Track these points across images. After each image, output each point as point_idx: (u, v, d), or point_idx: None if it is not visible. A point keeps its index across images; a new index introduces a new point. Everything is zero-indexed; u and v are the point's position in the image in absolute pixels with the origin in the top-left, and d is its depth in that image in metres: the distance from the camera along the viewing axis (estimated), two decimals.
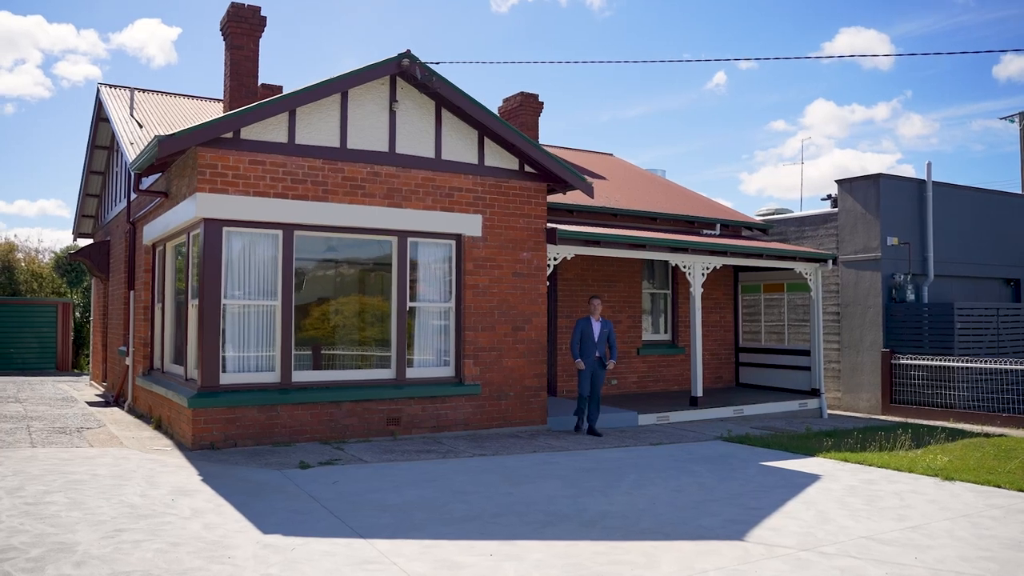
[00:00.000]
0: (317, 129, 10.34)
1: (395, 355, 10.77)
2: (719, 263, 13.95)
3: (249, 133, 9.86)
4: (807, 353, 15.87)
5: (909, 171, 56.39)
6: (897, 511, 7.27)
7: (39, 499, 6.70)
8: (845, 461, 9.77)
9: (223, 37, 13.69)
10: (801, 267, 15.09)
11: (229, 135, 9.71)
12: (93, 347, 19.77)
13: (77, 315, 27.00)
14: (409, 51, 10.54)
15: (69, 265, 28.29)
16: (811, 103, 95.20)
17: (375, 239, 10.80)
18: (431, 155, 11.12)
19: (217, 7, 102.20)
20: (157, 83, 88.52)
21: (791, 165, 69.84)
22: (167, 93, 16.83)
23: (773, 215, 19.21)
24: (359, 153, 10.58)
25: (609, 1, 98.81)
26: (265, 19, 13.55)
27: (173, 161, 10.73)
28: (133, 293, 13.26)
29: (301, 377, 10.16)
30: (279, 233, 10.07)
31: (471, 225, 11.32)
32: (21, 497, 6.74)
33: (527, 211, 11.85)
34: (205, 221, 9.62)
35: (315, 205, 10.19)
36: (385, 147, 10.79)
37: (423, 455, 9.50)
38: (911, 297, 16.13)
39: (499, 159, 11.68)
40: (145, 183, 12.30)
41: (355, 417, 10.36)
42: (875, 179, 16.26)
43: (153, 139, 9.25)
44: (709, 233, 16.32)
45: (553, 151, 18.42)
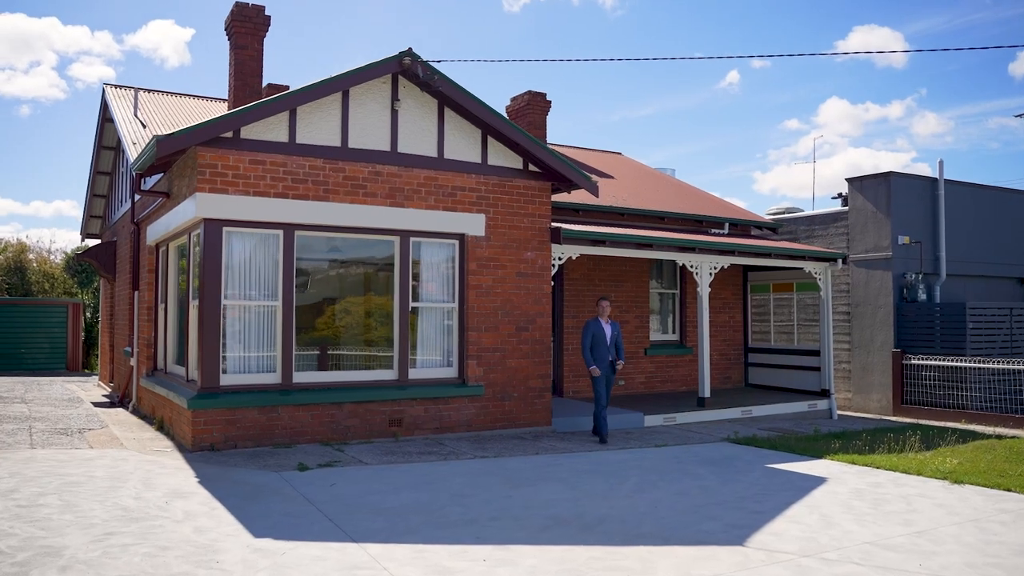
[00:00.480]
0: (318, 128, 10.27)
1: (397, 356, 10.69)
2: (727, 262, 13.79)
3: (249, 132, 9.80)
4: (817, 353, 15.68)
5: (924, 170, 55.94)
6: (903, 515, 7.11)
7: (32, 501, 6.66)
8: (853, 463, 9.61)
9: (227, 37, 13.68)
10: (811, 266, 14.90)
11: (229, 135, 9.65)
12: (101, 347, 19.82)
13: (88, 315, 27.07)
14: (411, 49, 10.45)
15: (79, 266, 28.39)
16: (825, 102, 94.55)
17: (377, 239, 10.72)
18: (433, 154, 11.03)
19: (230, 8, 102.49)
20: (171, 84, 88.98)
21: (804, 164, 69.16)
22: (172, 93, 16.82)
23: (783, 214, 19.00)
24: (361, 152, 10.50)
25: (621, 0, 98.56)
26: (269, 18, 13.52)
27: (174, 161, 10.69)
28: (137, 294, 13.24)
29: (302, 378, 10.09)
30: (280, 233, 10.00)
31: (474, 225, 11.22)
32: (14, 499, 6.69)
33: (531, 210, 11.74)
34: (205, 221, 9.57)
35: (316, 205, 10.11)
36: (387, 146, 10.71)
37: (424, 457, 9.41)
38: (923, 297, 15.90)
39: (503, 158, 11.57)
40: (148, 183, 12.29)
41: (357, 418, 10.28)
42: (886, 177, 16.05)
43: (151, 139, 9.21)
44: (718, 232, 16.15)
45: (561, 150, 18.31)
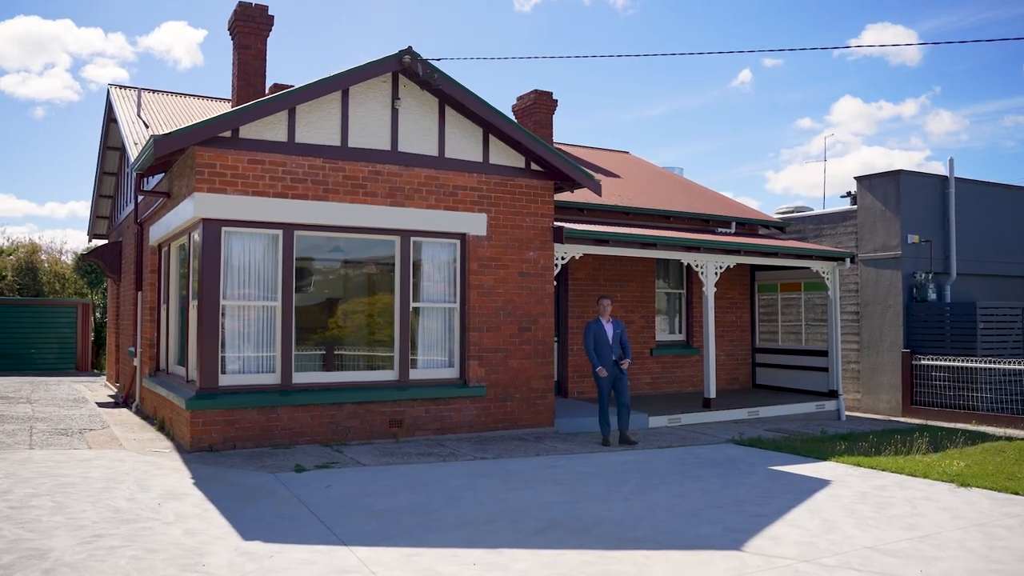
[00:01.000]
0: (318, 127, 10.21)
1: (398, 356, 10.62)
2: (732, 262, 13.65)
3: (248, 132, 9.76)
4: (825, 354, 15.51)
5: (938, 168, 55.37)
6: (907, 519, 6.98)
7: (24, 503, 6.62)
8: (858, 466, 9.46)
9: (231, 36, 13.66)
10: (818, 266, 14.73)
11: (227, 134, 9.61)
12: (108, 347, 19.86)
13: (97, 315, 27.16)
14: (410, 47, 10.37)
15: (88, 266, 28.50)
16: (837, 100, 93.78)
17: (377, 239, 10.65)
18: (434, 153, 10.95)
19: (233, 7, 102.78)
20: (183, 86, 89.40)
21: (815, 163, 68.63)
22: (176, 93, 16.83)
23: (792, 213, 18.82)
24: (360, 152, 10.44)
25: (633, 0, 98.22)
26: (272, 18, 13.48)
27: (174, 161, 10.67)
28: (140, 294, 13.24)
29: (302, 378, 10.03)
30: (279, 233, 9.96)
31: (475, 224, 11.14)
32: (6, 501, 6.66)
33: (533, 210, 11.64)
34: (204, 221, 9.53)
35: (316, 204, 10.06)
36: (387, 145, 10.64)
37: (423, 458, 9.33)
38: (932, 296, 15.70)
39: (504, 157, 11.48)
40: (150, 184, 12.28)
41: (357, 419, 10.22)
42: (895, 175, 15.85)
43: (149, 139, 9.18)
44: (724, 232, 16.00)
45: (568, 150, 18.21)
